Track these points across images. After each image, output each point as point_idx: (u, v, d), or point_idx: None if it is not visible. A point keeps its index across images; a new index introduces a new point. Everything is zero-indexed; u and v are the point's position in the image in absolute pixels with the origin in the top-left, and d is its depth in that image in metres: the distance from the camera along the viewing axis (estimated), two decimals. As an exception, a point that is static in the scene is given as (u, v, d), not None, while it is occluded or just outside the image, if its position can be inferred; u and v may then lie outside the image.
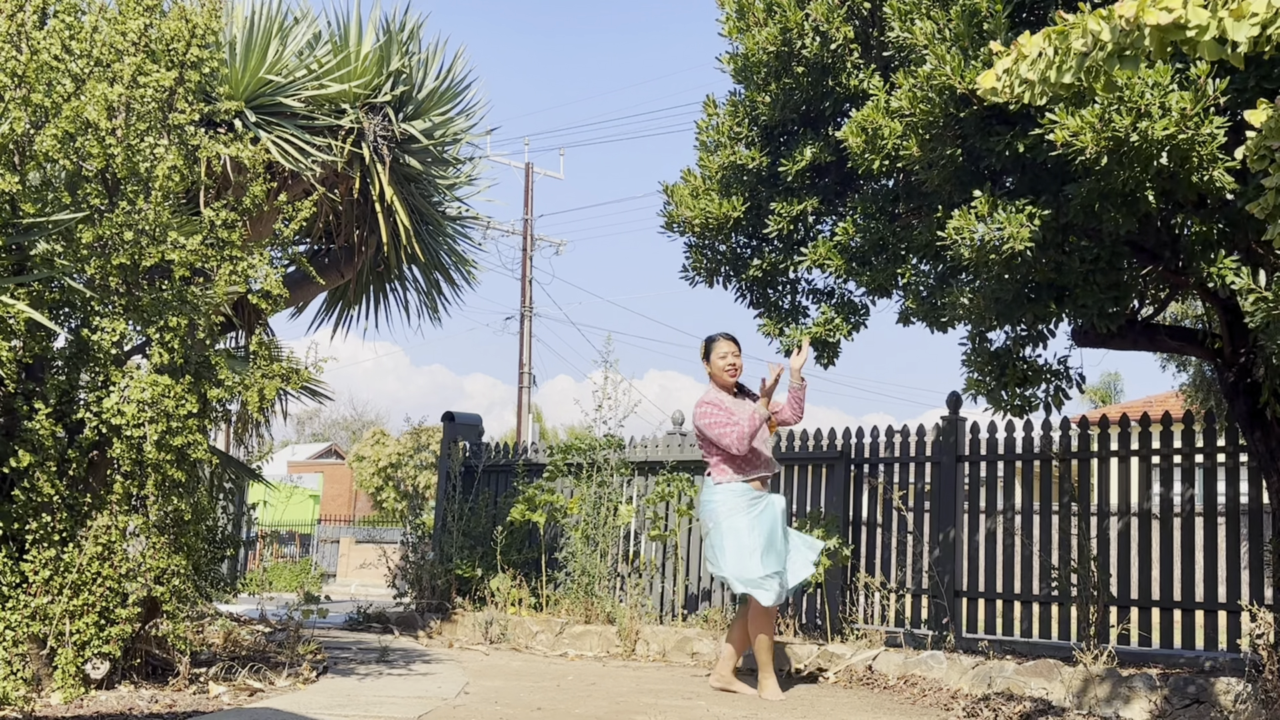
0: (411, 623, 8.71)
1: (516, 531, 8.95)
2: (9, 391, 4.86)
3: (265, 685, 5.42)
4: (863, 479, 7.96)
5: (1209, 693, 5.07)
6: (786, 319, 6.37)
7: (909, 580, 7.61)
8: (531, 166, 28.64)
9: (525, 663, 7.01)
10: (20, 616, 4.81)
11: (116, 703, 4.74)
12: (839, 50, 5.64)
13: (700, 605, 8.40)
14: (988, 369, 5.54)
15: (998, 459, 7.42)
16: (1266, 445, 5.45)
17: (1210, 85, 4.14)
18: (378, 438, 34.86)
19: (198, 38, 5.26)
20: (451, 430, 10.37)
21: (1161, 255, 5.17)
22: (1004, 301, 5.13)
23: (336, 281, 7.67)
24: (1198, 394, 14.45)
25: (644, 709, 5.23)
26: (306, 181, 6.60)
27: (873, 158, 5.25)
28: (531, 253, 28.20)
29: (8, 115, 4.81)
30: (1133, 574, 6.78)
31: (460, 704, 5.19)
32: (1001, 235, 4.65)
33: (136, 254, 5.01)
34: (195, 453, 5.10)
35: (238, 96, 6.20)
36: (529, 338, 27.61)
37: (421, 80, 7.22)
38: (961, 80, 4.72)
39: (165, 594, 5.09)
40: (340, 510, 36.25)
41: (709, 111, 6.41)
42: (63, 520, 4.95)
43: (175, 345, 5.03)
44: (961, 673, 6.04)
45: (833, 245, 5.82)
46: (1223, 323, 5.42)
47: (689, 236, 6.48)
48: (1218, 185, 4.31)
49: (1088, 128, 4.20)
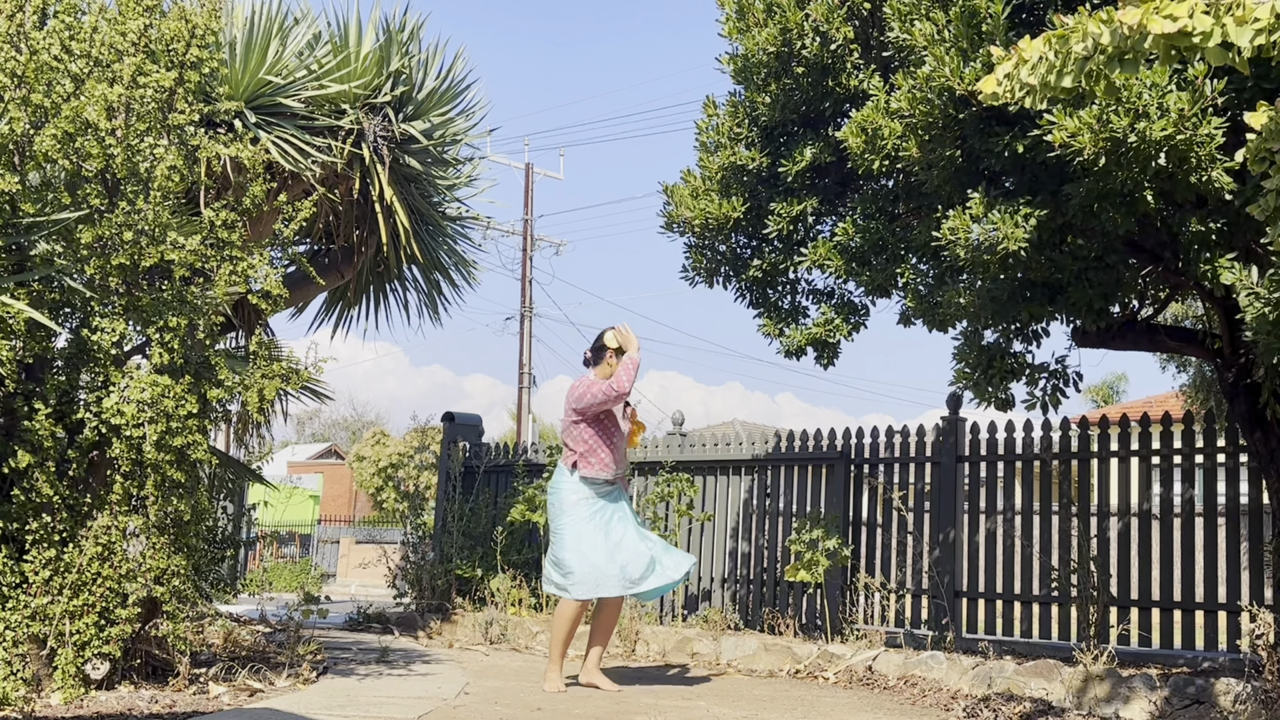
0: (411, 623, 8.71)
1: (516, 532, 8.95)
2: (9, 391, 4.86)
3: (265, 685, 5.43)
4: (863, 479, 7.96)
5: (1209, 693, 5.07)
6: (786, 319, 6.38)
7: (909, 580, 7.62)
8: (531, 167, 28.65)
9: (525, 663, 7.01)
10: (20, 617, 4.81)
11: (116, 703, 4.74)
12: (839, 51, 5.64)
13: (700, 605, 8.40)
14: (975, 362, 5.54)
15: (998, 459, 7.42)
16: (1266, 445, 5.46)
17: (1208, 86, 4.15)
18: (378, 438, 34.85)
19: (197, 38, 5.26)
20: (452, 430, 10.37)
21: (1161, 255, 5.17)
22: (999, 300, 5.14)
23: (336, 282, 7.67)
24: (1198, 394, 14.44)
25: (644, 709, 5.23)
26: (306, 182, 6.60)
27: (872, 158, 5.25)
28: (531, 253, 28.20)
29: (7, 115, 4.81)
30: (1133, 574, 6.78)
31: (460, 704, 5.19)
32: (996, 236, 4.66)
33: (136, 254, 5.01)
34: (195, 453, 5.10)
35: (238, 97, 6.20)
36: (529, 338, 27.61)
37: (421, 81, 7.22)
38: (961, 81, 4.73)
39: (165, 594, 5.09)
40: (340, 510, 36.24)
41: (709, 112, 6.41)
42: (63, 520, 4.95)
43: (175, 345, 5.03)
44: (961, 673, 6.04)
45: (832, 245, 5.83)
46: (1222, 323, 5.42)
47: (689, 237, 6.49)
48: (1216, 186, 4.32)
49: (1086, 128, 4.21)
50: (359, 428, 49.55)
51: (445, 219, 7.85)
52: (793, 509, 8.20)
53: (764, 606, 8.06)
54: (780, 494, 8.29)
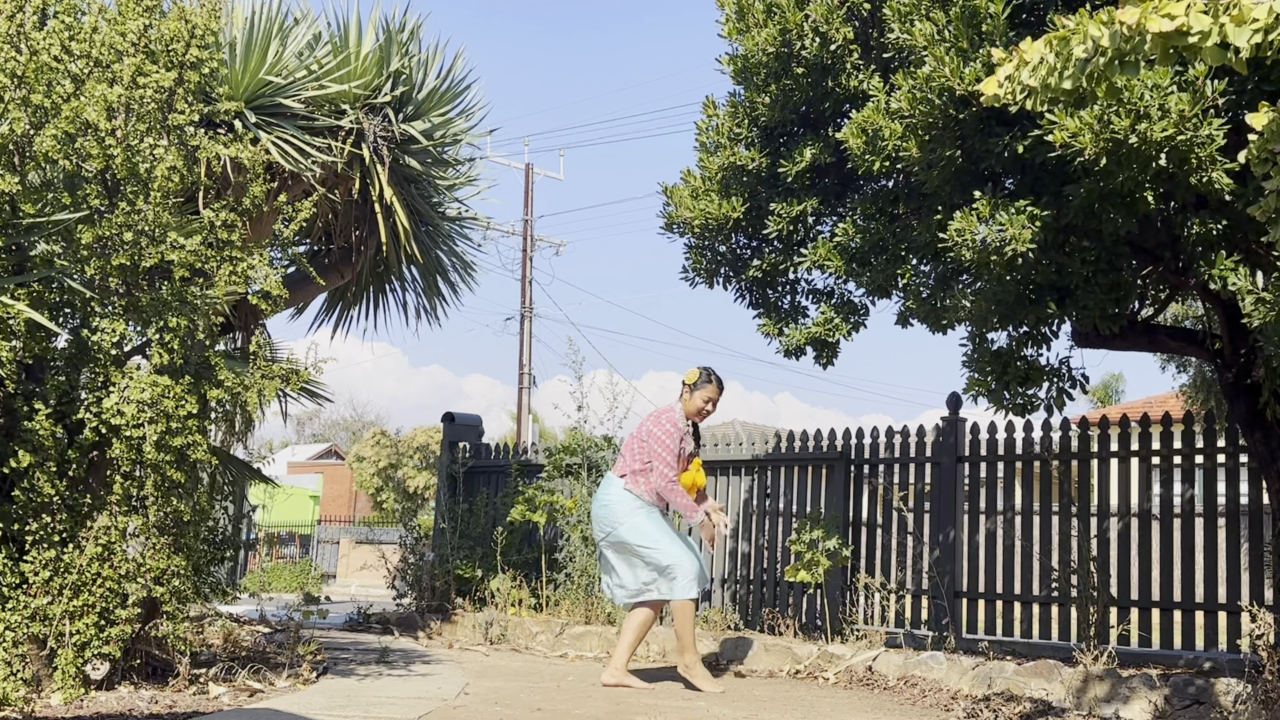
0: (411, 623, 8.71)
1: (516, 532, 8.94)
2: (9, 392, 4.86)
3: (265, 686, 5.42)
4: (863, 479, 7.96)
5: (1209, 693, 5.06)
6: (786, 319, 6.38)
7: (909, 581, 7.61)
8: (531, 167, 28.65)
9: (525, 663, 7.01)
10: (20, 617, 4.81)
11: (116, 703, 4.74)
12: (839, 51, 5.64)
13: (700, 606, 8.40)
14: (988, 369, 5.55)
15: (998, 459, 7.42)
16: (1267, 446, 5.46)
17: (1209, 87, 4.15)
18: (378, 438, 34.87)
19: (197, 38, 5.26)
20: (451, 431, 10.37)
21: (1161, 256, 5.17)
22: (1005, 303, 5.14)
23: (336, 282, 7.66)
24: (1198, 394, 14.43)
25: (644, 709, 5.23)
26: (306, 182, 6.59)
27: (872, 159, 5.25)
28: (531, 253, 28.20)
29: (7, 116, 4.81)
30: (1133, 575, 6.78)
31: (460, 704, 5.19)
32: (1003, 237, 4.65)
33: (136, 254, 5.01)
34: (195, 453, 5.10)
35: (237, 97, 6.19)
36: (529, 338, 27.61)
37: (421, 81, 7.22)
38: (961, 82, 4.72)
39: (165, 595, 5.09)
40: (340, 511, 36.25)
41: (709, 112, 6.41)
42: (63, 521, 4.95)
43: (175, 346, 5.03)
44: (961, 673, 6.04)
45: (832, 246, 5.82)
46: (1223, 323, 5.42)
47: (689, 237, 6.49)
48: (1217, 186, 4.32)
49: (1087, 129, 4.21)
50: (359, 428, 49.56)
51: (445, 219, 7.85)
52: (793, 509, 8.20)
53: (764, 607, 8.05)
54: (780, 494, 8.29)
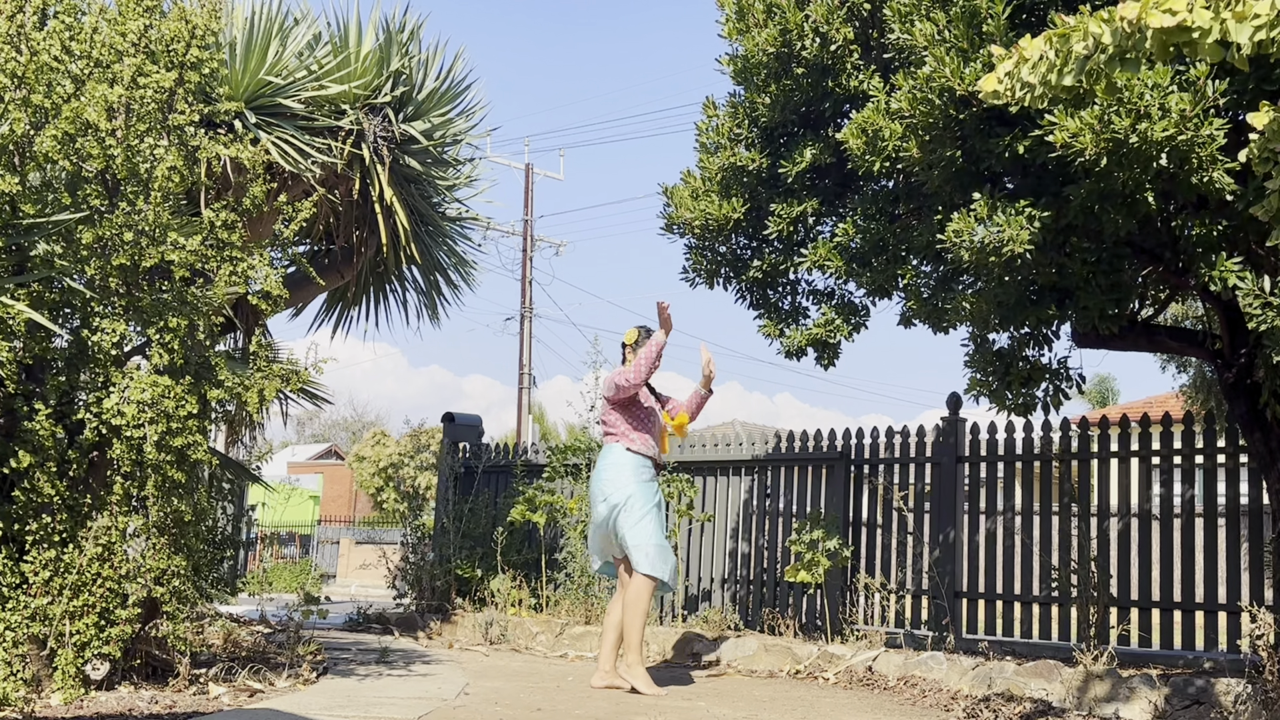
0: (411, 624, 8.71)
1: (516, 532, 8.94)
2: (9, 392, 4.86)
3: (265, 686, 5.42)
4: (863, 479, 7.96)
5: (1209, 693, 5.06)
6: (786, 320, 6.37)
7: (909, 581, 7.61)
8: (531, 167, 28.65)
9: (525, 664, 7.01)
10: (20, 617, 4.81)
11: (116, 703, 4.73)
12: (839, 51, 5.64)
13: (700, 606, 8.40)
14: (990, 369, 5.55)
15: (998, 460, 7.42)
16: (1266, 446, 5.45)
17: (1210, 86, 4.14)
18: (378, 438, 34.86)
19: (197, 38, 5.26)
20: (452, 431, 10.36)
21: (1162, 256, 5.17)
22: (1006, 305, 5.14)
23: (336, 282, 7.67)
24: (1198, 395, 14.42)
25: (644, 709, 5.23)
26: (306, 182, 6.60)
27: (873, 159, 5.25)
28: (531, 253, 28.20)
29: (8, 116, 4.81)
30: (1133, 575, 6.78)
31: (460, 705, 5.19)
32: (1001, 237, 4.65)
33: (136, 255, 5.01)
34: (195, 454, 5.10)
35: (238, 97, 6.19)
36: (529, 338, 27.61)
37: (421, 81, 7.22)
38: (961, 82, 4.72)
39: (165, 595, 5.09)
40: (340, 511, 36.23)
41: (709, 113, 6.41)
42: (63, 521, 4.95)
43: (175, 346, 5.03)
44: (961, 673, 6.04)
45: (833, 246, 5.82)
46: (1223, 324, 5.42)
47: (689, 238, 6.48)
48: (1218, 186, 4.32)
49: (1087, 129, 4.20)
50: (359, 428, 49.56)
51: (445, 219, 7.85)
52: (793, 509, 8.20)
53: (764, 607, 8.05)
54: (780, 494, 8.29)
